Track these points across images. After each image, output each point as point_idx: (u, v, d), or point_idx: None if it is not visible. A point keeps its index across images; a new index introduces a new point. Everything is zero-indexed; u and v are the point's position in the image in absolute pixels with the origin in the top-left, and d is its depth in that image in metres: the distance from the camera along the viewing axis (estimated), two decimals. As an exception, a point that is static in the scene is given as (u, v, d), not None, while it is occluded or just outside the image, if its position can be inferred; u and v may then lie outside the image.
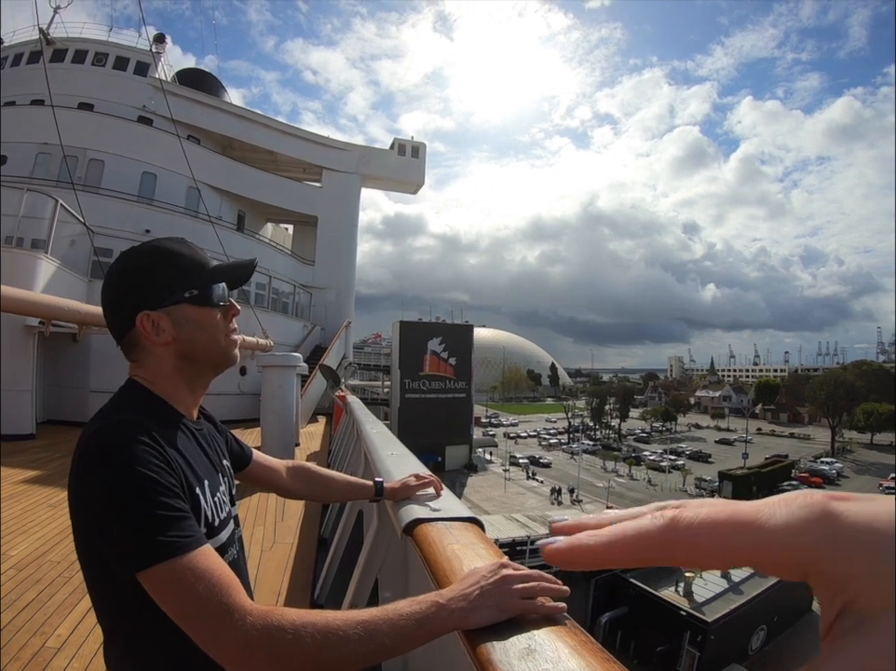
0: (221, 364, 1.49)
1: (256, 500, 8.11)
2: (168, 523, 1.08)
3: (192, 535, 1.11)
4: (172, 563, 1.05)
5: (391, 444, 3.11)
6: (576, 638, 0.81)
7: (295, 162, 31.32)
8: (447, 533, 1.36)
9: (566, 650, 0.77)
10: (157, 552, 1.05)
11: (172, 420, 1.36)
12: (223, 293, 1.48)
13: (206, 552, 1.12)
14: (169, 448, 1.22)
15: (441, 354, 61.06)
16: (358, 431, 5.01)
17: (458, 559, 1.15)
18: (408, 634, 1.01)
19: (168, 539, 1.07)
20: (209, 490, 1.33)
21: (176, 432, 1.32)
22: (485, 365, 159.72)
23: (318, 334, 27.95)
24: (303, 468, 1.98)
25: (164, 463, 1.16)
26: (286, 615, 1.03)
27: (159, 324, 1.39)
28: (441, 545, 1.26)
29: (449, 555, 1.18)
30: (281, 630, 1.00)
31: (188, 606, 1.05)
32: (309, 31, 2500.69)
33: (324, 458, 12.12)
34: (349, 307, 31.88)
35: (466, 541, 1.29)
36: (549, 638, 0.81)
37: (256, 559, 5.60)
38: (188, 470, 1.26)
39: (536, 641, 0.81)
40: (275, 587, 4.91)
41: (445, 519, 1.48)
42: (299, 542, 6.23)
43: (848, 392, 79.09)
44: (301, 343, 25.66)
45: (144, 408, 1.32)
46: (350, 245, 32.95)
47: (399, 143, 34.64)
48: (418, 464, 2.40)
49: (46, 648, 3.57)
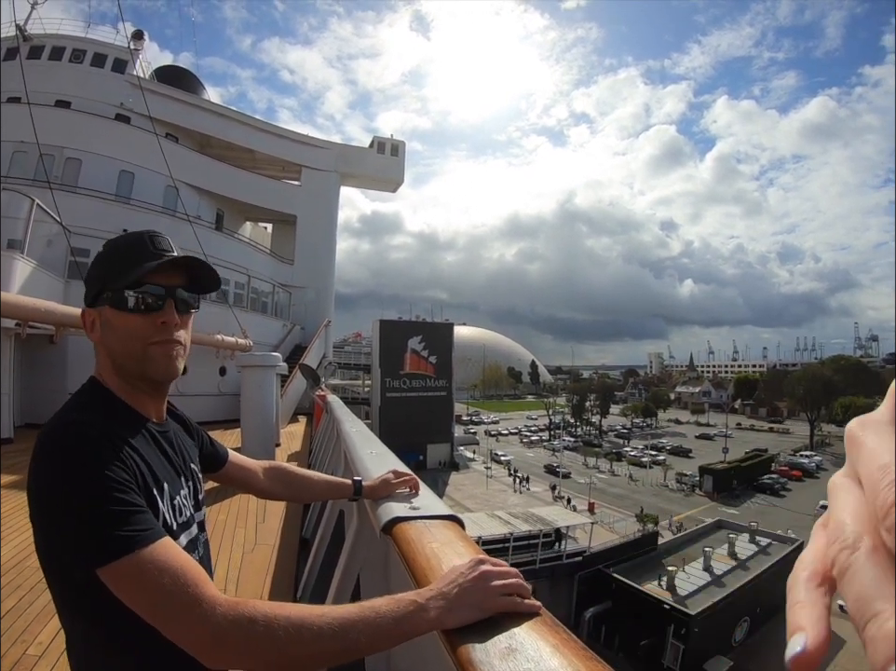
0: (141, 376, 1.37)
1: (237, 502, 8.04)
2: (124, 518, 1.07)
3: (151, 528, 1.10)
4: (133, 557, 1.03)
5: (371, 442, 3.09)
6: (557, 636, 0.80)
7: (274, 160, 31.11)
8: (426, 531, 1.34)
9: (548, 648, 0.76)
10: (116, 546, 1.03)
11: (129, 421, 1.33)
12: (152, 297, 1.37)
13: (167, 544, 1.10)
14: (125, 448, 1.20)
15: (421, 353, 61.18)
16: (338, 431, 4.98)
17: (437, 558, 1.13)
18: (384, 633, 1.00)
19: (126, 533, 1.05)
20: (167, 493, 1.30)
21: (132, 433, 1.29)
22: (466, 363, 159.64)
23: (297, 333, 27.82)
24: (280, 468, 1.95)
25: (118, 461, 1.14)
26: (258, 607, 1.02)
27: (95, 322, 1.37)
28: (420, 544, 1.24)
29: (428, 554, 1.17)
30: (253, 621, 0.99)
31: (154, 599, 1.03)
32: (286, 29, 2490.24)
33: (305, 457, 12.06)
34: (329, 306, 31.77)
35: (445, 540, 1.27)
36: (529, 637, 0.80)
37: (238, 561, 5.56)
38: (144, 471, 1.23)
39: (517, 640, 0.79)
40: (256, 590, 4.88)
41: (424, 517, 1.46)
42: (280, 544, 6.18)
43: (826, 387, 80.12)
44: (280, 343, 25.52)
45: (100, 408, 1.30)
46: (329, 244, 32.82)
47: (378, 142, 34.55)
48: (398, 462, 2.38)
49: (27, 656, 3.51)
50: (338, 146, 33.34)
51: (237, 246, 26.40)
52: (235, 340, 19.47)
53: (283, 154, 30.75)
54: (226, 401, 19.91)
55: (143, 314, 1.35)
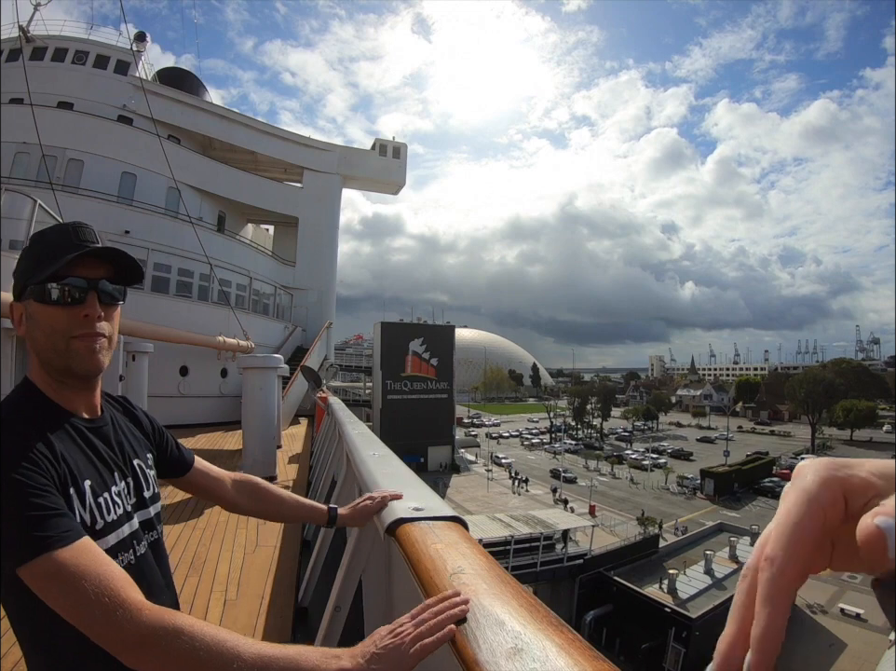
0: (65, 371, 1.35)
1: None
2: (42, 520, 1.06)
3: (70, 530, 1.09)
4: (51, 557, 1.04)
5: (373, 444, 3.09)
6: (562, 636, 0.80)
7: (276, 163, 31.11)
8: (430, 533, 1.34)
9: (554, 648, 0.76)
10: (34, 546, 1.04)
11: (51, 418, 1.31)
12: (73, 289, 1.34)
13: (86, 546, 1.09)
14: (44, 449, 1.19)
15: (422, 355, 61.21)
16: (339, 433, 4.98)
17: (442, 559, 1.13)
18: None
19: (43, 534, 1.05)
20: (89, 491, 1.28)
21: (54, 431, 1.27)
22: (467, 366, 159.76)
23: (299, 335, 27.86)
24: (250, 482, 1.88)
25: (35, 463, 1.14)
26: (186, 621, 1.02)
27: (22, 317, 1.36)
28: (424, 545, 1.24)
29: (432, 555, 1.16)
30: (178, 632, 0.99)
31: (75, 600, 1.03)
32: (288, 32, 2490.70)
33: (307, 459, 12.07)
34: (330, 308, 31.74)
35: (449, 541, 1.27)
36: (535, 637, 0.80)
37: (239, 562, 5.57)
38: (63, 471, 1.22)
39: (523, 640, 0.79)
40: (258, 591, 4.88)
41: (428, 518, 1.46)
42: (282, 545, 6.18)
43: (828, 390, 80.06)
44: (282, 344, 25.58)
45: (23, 407, 1.30)
46: (331, 246, 32.79)
47: (380, 144, 34.55)
48: (401, 465, 2.38)
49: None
50: (340, 148, 33.31)
51: (239, 248, 26.41)
52: (236, 342, 19.49)
53: (285, 156, 30.76)
54: (228, 402, 19.96)
55: (65, 307, 1.33)
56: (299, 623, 4.19)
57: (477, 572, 1.05)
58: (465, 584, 0.99)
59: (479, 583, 1.00)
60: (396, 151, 34.95)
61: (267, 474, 9.82)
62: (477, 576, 1.03)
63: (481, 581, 1.01)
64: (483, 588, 0.98)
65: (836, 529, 0.41)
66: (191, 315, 19.57)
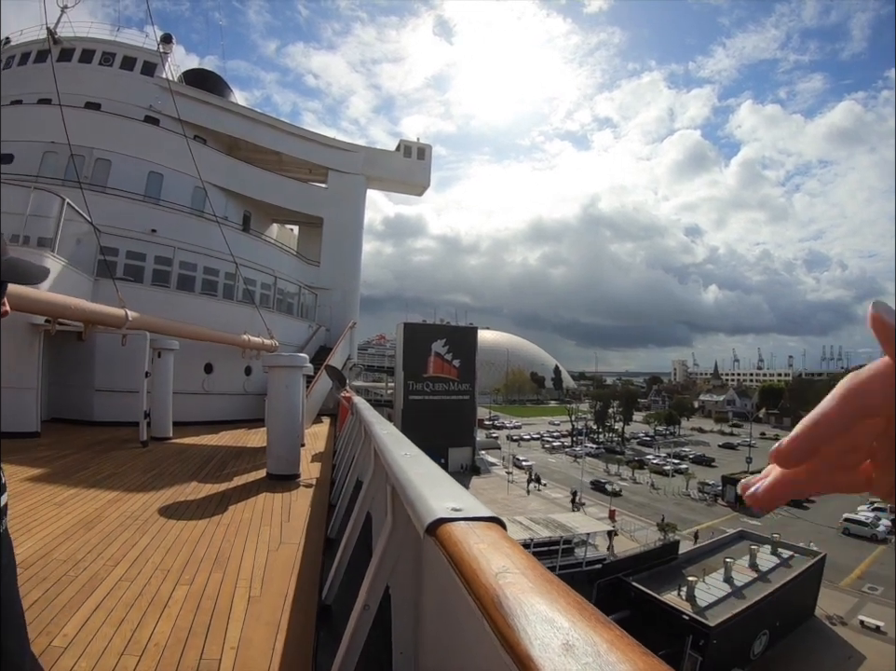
0: None
1: (262, 501, 8.13)
2: None
3: None
4: None
5: (404, 445, 3.11)
6: (611, 632, 0.82)
7: (301, 163, 31.30)
8: (471, 533, 1.35)
9: (604, 644, 0.78)
10: None
11: None
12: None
13: None
14: None
15: (444, 356, 61.20)
16: (366, 432, 5.01)
17: (486, 559, 1.14)
18: None
19: None
20: None
21: None
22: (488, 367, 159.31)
23: (322, 334, 27.96)
24: None
25: None
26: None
27: None
28: (468, 545, 1.25)
29: (476, 555, 1.17)
30: None
31: None
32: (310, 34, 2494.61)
33: (329, 458, 12.13)
34: (354, 308, 31.84)
35: (491, 541, 1.28)
36: (585, 633, 0.82)
37: (263, 560, 5.62)
38: None
39: (573, 636, 0.81)
40: (281, 588, 4.92)
41: (467, 519, 1.48)
42: (306, 543, 6.24)
43: (853, 397, 78.78)
44: (306, 344, 25.69)
45: None
46: (355, 246, 32.87)
47: (405, 145, 34.59)
48: (431, 464, 2.39)
49: (52, 647, 3.57)
50: (364, 149, 33.39)
51: (264, 247, 26.61)
52: (261, 341, 19.63)
53: (310, 157, 30.93)
54: (251, 400, 20.11)
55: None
56: (322, 620, 4.23)
57: (522, 572, 1.06)
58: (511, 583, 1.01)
59: (525, 582, 1.01)
60: (420, 152, 34.97)
61: (291, 472, 9.91)
62: (522, 575, 1.04)
63: (527, 580, 1.02)
64: (530, 587, 0.99)
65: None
66: (216, 313, 19.72)
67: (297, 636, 4.02)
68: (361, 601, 2.43)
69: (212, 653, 3.67)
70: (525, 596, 0.95)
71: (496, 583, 1.01)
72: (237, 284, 20.96)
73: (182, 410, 15.68)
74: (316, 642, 3.90)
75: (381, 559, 2.36)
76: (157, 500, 7.85)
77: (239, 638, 3.91)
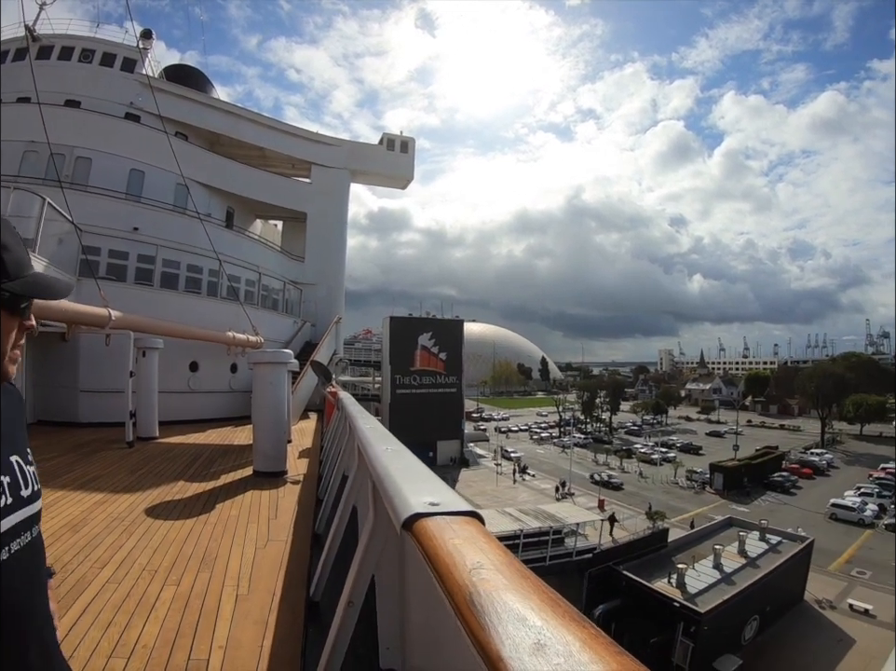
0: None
1: (248, 498, 8.09)
2: None
3: None
4: None
5: (386, 439, 3.09)
6: (585, 631, 0.80)
7: (284, 158, 31.17)
8: (447, 528, 1.33)
9: (577, 643, 0.76)
10: None
11: None
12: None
13: None
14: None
15: (431, 349, 61.23)
16: (350, 427, 4.98)
17: (461, 554, 1.12)
18: None
19: None
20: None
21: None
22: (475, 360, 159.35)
23: (308, 330, 27.91)
24: None
25: None
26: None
27: None
28: (442, 540, 1.23)
29: (450, 550, 1.15)
30: None
31: None
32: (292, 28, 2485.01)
33: (316, 454, 12.10)
34: (339, 302, 31.80)
35: (467, 536, 1.26)
36: (558, 632, 0.79)
37: (251, 557, 5.60)
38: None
39: (546, 635, 0.79)
40: (269, 585, 4.91)
41: (444, 513, 1.45)
42: (293, 539, 6.22)
43: (838, 384, 79.65)
44: (291, 339, 25.62)
45: None
46: (340, 241, 32.84)
47: (388, 139, 34.52)
48: (414, 459, 2.37)
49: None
50: (348, 143, 33.29)
51: (248, 244, 26.46)
52: (246, 337, 19.53)
53: (293, 151, 30.79)
54: (237, 398, 20.05)
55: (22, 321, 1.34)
56: (311, 617, 4.21)
57: (497, 567, 1.04)
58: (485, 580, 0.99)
59: (499, 579, 0.99)
60: (404, 145, 34.94)
61: (278, 469, 9.87)
62: (497, 571, 1.02)
63: (501, 576, 1.00)
64: (504, 583, 0.97)
65: None
66: (200, 311, 19.60)
67: (285, 633, 4.01)
68: (346, 597, 2.41)
69: (201, 653, 3.66)
70: (498, 594, 0.93)
71: (470, 580, 0.99)
72: (221, 281, 20.82)
73: (168, 409, 15.60)
74: (304, 639, 3.88)
75: (364, 555, 2.34)
76: (144, 501, 7.81)
77: (227, 638, 3.90)
